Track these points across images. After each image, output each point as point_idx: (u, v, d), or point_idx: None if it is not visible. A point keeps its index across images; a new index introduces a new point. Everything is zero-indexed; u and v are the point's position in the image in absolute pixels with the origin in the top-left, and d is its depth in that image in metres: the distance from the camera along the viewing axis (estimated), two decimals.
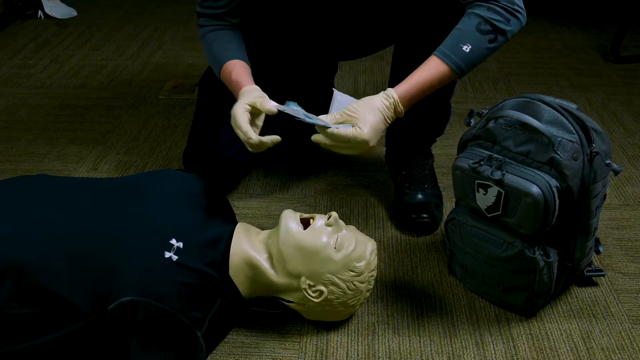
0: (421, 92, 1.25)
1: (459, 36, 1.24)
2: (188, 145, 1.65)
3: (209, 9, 1.46)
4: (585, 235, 1.24)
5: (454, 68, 1.23)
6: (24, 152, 1.91)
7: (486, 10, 1.24)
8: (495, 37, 1.24)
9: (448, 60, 1.23)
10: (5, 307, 1.07)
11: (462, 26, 1.25)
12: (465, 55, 1.23)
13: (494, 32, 1.23)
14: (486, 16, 1.23)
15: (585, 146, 1.16)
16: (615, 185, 1.74)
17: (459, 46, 1.23)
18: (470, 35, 1.23)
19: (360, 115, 1.18)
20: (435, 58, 1.24)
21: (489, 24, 1.23)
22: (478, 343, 1.25)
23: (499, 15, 1.23)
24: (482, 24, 1.23)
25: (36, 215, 1.14)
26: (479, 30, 1.23)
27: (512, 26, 1.25)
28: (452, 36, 1.25)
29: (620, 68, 2.50)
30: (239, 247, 1.21)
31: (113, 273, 1.08)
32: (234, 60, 1.40)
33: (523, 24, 1.28)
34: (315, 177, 1.78)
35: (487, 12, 1.24)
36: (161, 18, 3.07)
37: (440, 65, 1.24)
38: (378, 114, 1.20)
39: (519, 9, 1.26)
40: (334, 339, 1.26)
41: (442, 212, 1.59)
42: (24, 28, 2.92)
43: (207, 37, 1.47)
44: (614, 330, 1.28)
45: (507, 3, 1.24)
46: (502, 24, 1.23)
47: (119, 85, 2.36)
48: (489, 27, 1.23)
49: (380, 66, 2.49)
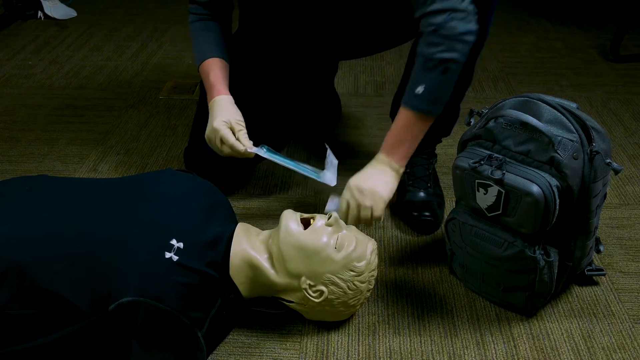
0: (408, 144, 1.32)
1: (411, 81, 1.29)
2: (189, 145, 1.65)
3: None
4: (585, 234, 1.24)
5: (418, 112, 1.29)
6: (24, 153, 1.91)
7: (426, 46, 1.24)
8: (445, 68, 1.24)
9: (411, 107, 1.29)
10: (6, 308, 1.07)
11: (413, 69, 1.29)
12: (423, 97, 1.26)
13: (441, 64, 1.23)
14: (426, 53, 1.24)
15: (585, 145, 1.16)
16: (616, 184, 1.74)
17: (413, 91, 1.27)
18: (419, 76, 1.27)
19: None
20: (401, 109, 1.31)
21: (431, 60, 1.24)
22: (479, 343, 1.25)
23: (439, 47, 1.22)
24: (427, 62, 1.25)
25: (36, 216, 1.14)
26: (426, 69, 1.25)
27: (459, 52, 1.23)
28: (408, 82, 1.30)
29: (620, 67, 2.50)
30: (239, 247, 1.21)
31: (113, 274, 1.07)
32: (215, 58, 1.47)
33: (473, 42, 1.24)
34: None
35: (426, 48, 1.24)
36: (161, 18, 3.07)
37: (407, 113, 1.30)
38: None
39: (465, 32, 1.22)
40: (334, 339, 1.26)
41: (444, 212, 1.59)
42: (23, 29, 2.92)
43: (194, 26, 1.53)
44: (614, 329, 1.28)
45: (447, 31, 1.21)
46: (447, 53, 1.22)
47: (119, 85, 2.36)
48: (434, 62, 1.24)
49: (380, 66, 2.49)
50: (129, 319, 1.06)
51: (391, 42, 1.63)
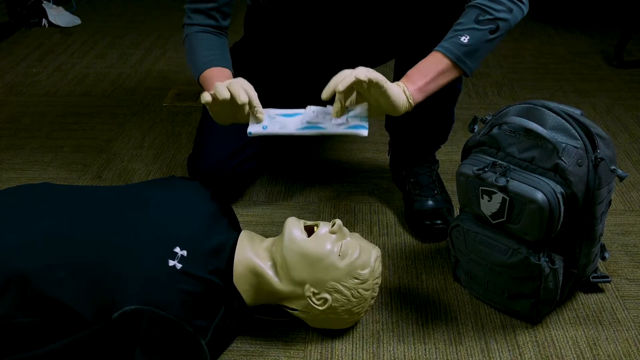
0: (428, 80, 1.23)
1: (454, 30, 1.23)
2: (192, 153, 1.65)
3: (199, 3, 1.43)
4: (590, 241, 1.24)
5: (455, 60, 1.22)
6: (27, 160, 1.91)
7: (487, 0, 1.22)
8: (496, 27, 1.22)
9: (448, 53, 1.22)
10: (10, 316, 1.06)
11: (462, 19, 1.24)
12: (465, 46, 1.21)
13: (494, 22, 1.21)
14: (486, 4, 1.21)
15: (589, 152, 1.16)
16: (620, 191, 1.74)
17: (458, 39, 1.22)
18: (467, 26, 1.22)
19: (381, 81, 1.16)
20: (434, 52, 1.24)
21: (488, 14, 1.21)
22: (483, 350, 1.24)
23: (501, 5, 1.22)
24: (481, 14, 1.21)
25: (40, 224, 1.14)
26: (477, 21, 1.21)
27: (514, 15, 1.23)
28: (450, 31, 1.24)
29: (624, 73, 2.49)
30: (243, 255, 1.21)
31: (117, 282, 1.07)
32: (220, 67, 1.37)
33: (525, 13, 1.25)
34: (319, 184, 1.78)
35: (488, 0, 1.22)
36: (164, 26, 3.08)
37: (441, 57, 1.23)
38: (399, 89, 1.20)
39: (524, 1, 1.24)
40: (338, 347, 1.25)
41: (454, 216, 1.59)
42: (28, 36, 2.94)
43: (191, 38, 1.43)
44: (620, 337, 1.27)
45: None
46: (504, 13, 1.22)
47: (123, 92, 2.37)
48: (489, 16, 1.21)
49: (384, 72, 2.48)
50: (132, 327, 1.06)
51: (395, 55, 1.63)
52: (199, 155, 1.61)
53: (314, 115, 1.22)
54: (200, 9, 1.43)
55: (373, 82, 1.15)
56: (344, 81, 1.13)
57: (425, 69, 1.23)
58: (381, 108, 1.20)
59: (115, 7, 3.36)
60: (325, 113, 1.22)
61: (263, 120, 1.20)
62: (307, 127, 1.20)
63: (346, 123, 1.19)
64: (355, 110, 1.21)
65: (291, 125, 1.20)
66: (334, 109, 1.17)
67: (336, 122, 1.20)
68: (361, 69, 1.15)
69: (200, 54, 1.41)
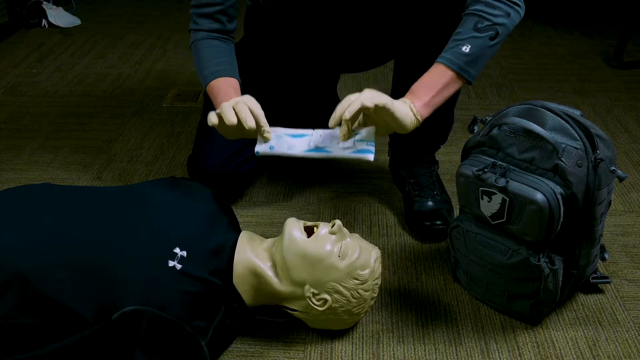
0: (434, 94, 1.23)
1: (454, 40, 1.23)
2: (192, 153, 1.65)
3: (205, 7, 1.41)
4: (590, 242, 1.24)
5: (459, 70, 1.22)
6: (27, 161, 1.91)
7: (484, 5, 1.22)
8: (496, 33, 1.22)
9: (451, 64, 1.22)
10: (10, 316, 1.07)
11: (461, 29, 1.24)
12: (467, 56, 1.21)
13: (493, 28, 1.21)
14: (483, 11, 1.21)
15: (589, 153, 1.16)
16: (620, 191, 1.74)
17: (459, 49, 1.22)
18: (467, 35, 1.22)
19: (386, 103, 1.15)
20: (437, 64, 1.24)
21: (486, 20, 1.21)
22: (483, 351, 1.24)
23: (496, 10, 1.22)
24: (480, 22, 1.21)
25: (40, 225, 1.14)
26: (476, 29, 1.22)
27: (511, 19, 1.23)
28: (450, 41, 1.24)
29: (624, 74, 2.49)
30: (243, 256, 1.21)
31: (117, 282, 1.07)
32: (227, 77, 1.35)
33: (522, 15, 1.26)
34: (319, 185, 1.78)
35: (485, 7, 1.22)
36: (164, 26, 3.08)
37: (444, 70, 1.23)
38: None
39: (517, 2, 1.24)
40: (338, 348, 1.25)
41: (454, 217, 1.59)
42: (28, 37, 2.94)
43: (197, 44, 1.42)
44: (620, 337, 1.27)
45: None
46: (502, 18, 1.22)
47: (123, 93, 2.37)
48: (487, 23, 1.21)
49: (384, 73, 2.49)
50: (132, 328, 1.06)
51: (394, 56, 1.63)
52: (199, 156, 1.61)
53: (321, 139, 1.23)
54: (206, 13, 1.42)
55: (379, 107, 1.15)
56: (350, 108, 1.13)
57: (430, 82, 1.23)
58: (389, 128, 1.21)
59: (115, 7, 3.36)
60: (332, 136, 1.23)
61: (270, 139, 1.22)
62: (314, 150, 1.21)
63: (353, 147, 1.20)
64: (362, 134, 1.21)
65: (298, 147, 1.22)
66: (340, 133, 1.18)
67: (343, 145, 1.21)
68: (367, 94, 1.15)
69: (207, 63, 1.39)
